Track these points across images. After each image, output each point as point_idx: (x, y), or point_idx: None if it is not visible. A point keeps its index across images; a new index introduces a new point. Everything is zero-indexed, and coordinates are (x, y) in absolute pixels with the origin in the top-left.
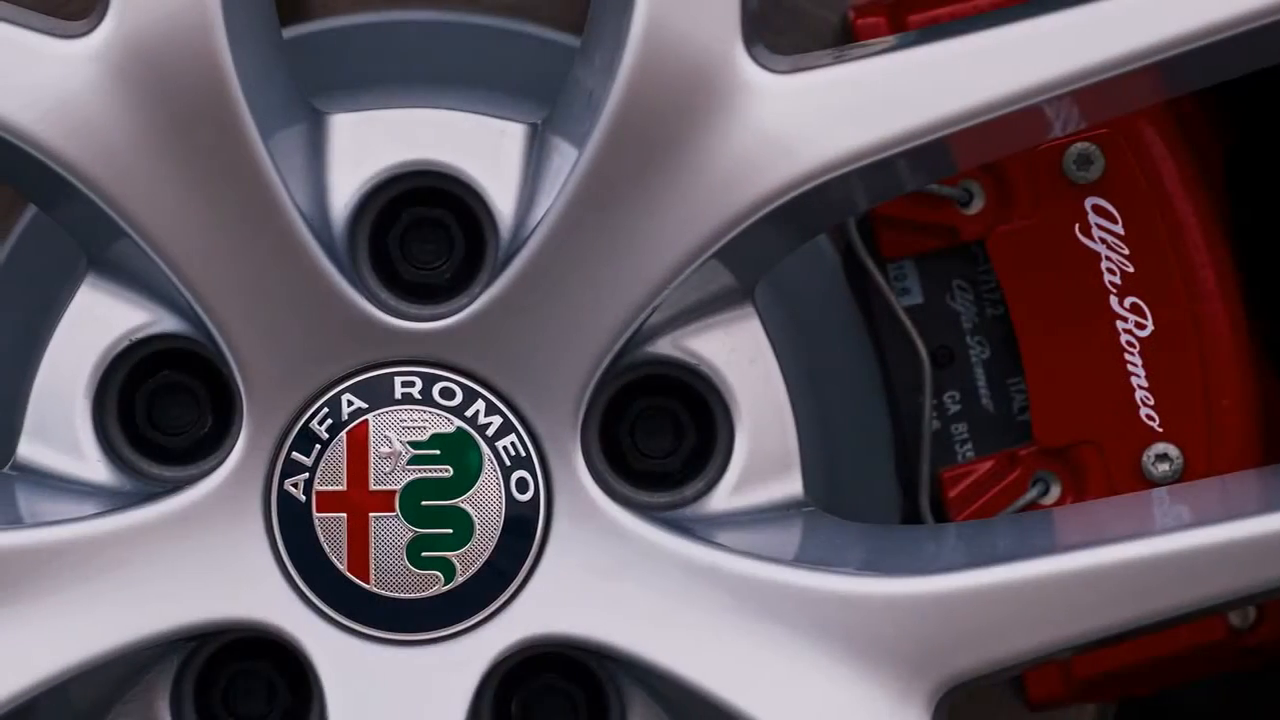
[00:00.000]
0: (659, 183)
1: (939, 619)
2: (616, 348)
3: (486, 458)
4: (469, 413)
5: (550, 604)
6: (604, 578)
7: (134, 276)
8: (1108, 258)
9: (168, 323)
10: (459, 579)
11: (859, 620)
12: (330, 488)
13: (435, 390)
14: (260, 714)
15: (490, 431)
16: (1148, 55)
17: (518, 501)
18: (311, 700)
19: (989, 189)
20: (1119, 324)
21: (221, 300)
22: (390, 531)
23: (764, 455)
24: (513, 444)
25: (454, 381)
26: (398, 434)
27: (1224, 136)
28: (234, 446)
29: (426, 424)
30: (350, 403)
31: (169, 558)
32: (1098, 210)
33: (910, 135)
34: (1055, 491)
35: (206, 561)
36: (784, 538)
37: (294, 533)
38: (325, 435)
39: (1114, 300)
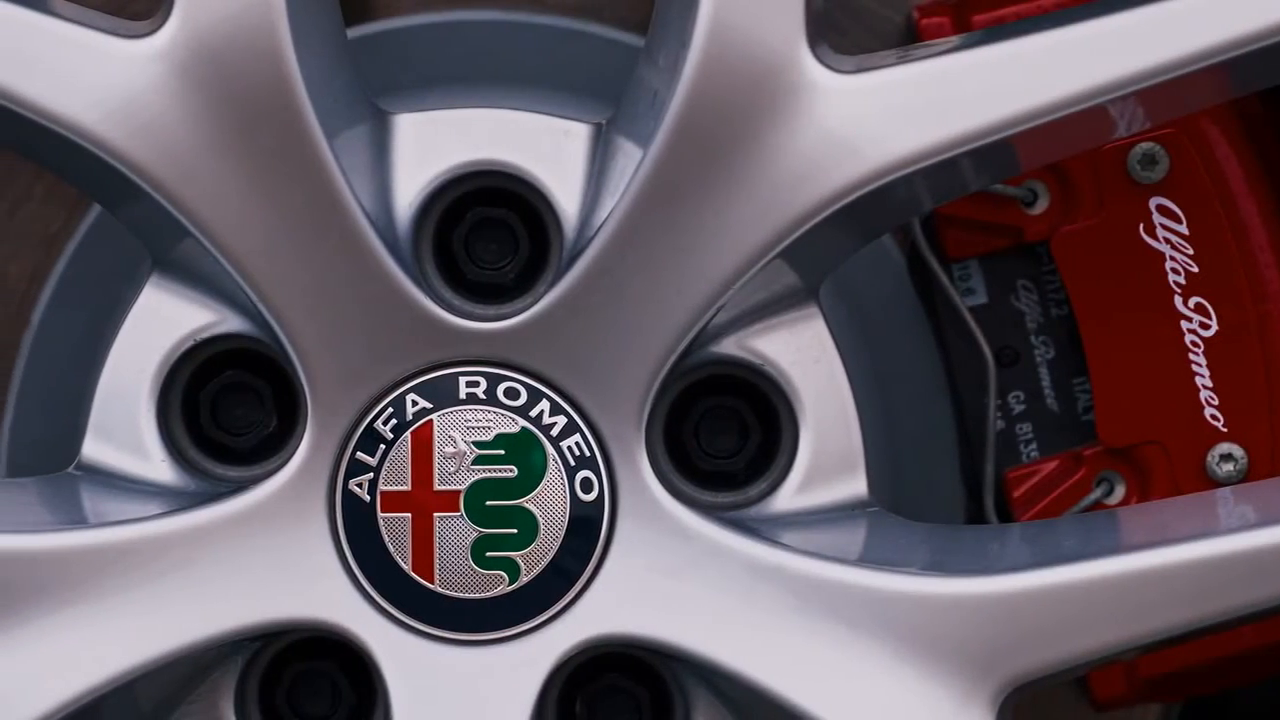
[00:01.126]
0: (723, 183)
1: (1003, 619)
2: (681, 348)
3: (551, 458)
4: (533, 413)
5: (614, 604)
6: (668, 578)
7: (198, 276)
8: (1172, 258)
9: (232, 323)
10: (523, 579)
11: (923, 620)
12: (395, 488)
13: (500, 390)
14: (324, 714)
15: (555, 431)
16: (1213, 55)
17: (582, 501)
18: (375, 700)
19: (1053, 189)
20: (1183, 324)
21: (286, 300)
22: (455, 531)
23: (828, 455)
24: (577, 444)
25: (518, 381)
26: (462, 434)
27: None
28: (298, 446)
29: (491, 424)
30: (415, 403)
31: (233, 558)
32: (1162, 210)
33: (974, 135)
34: (1120, 492)
35: (271, 561)
36: (848, 538)
37: (358, 533)
38: (390, 435)
39: (1178, 300)
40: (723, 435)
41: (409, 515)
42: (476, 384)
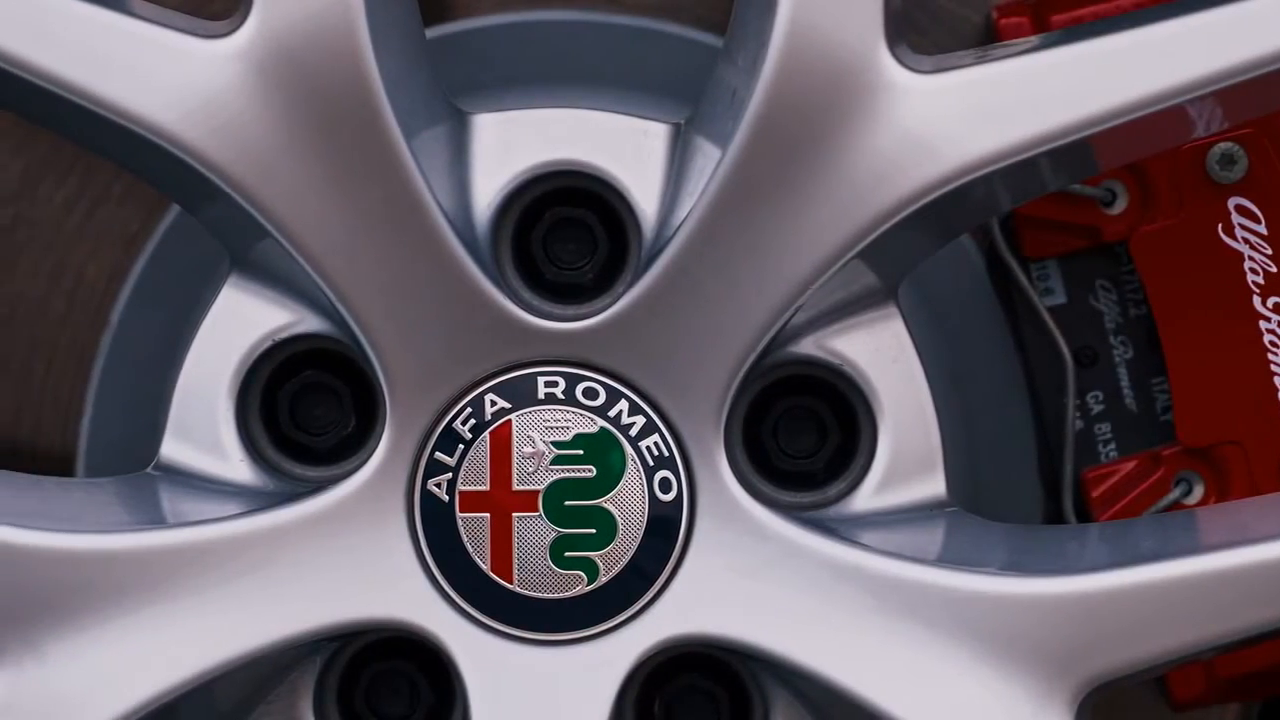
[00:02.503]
0: (802, 183)
1: (1082, 619)
2: (760, 348)
3: (630, 458)
4: (612, 413)
5: (693, 604)
6: (747, 578)
7: (277, 276)
8: (1250, 258)
9: (311, 322)
10: (602, 579)
11: (1002, 620)
12: (473, 488)
13: (578, 390)
14: (403, 714)
15: (633, 431)
16: None
17: (661, 501)
18: (454, 700)
19: (1132, 189)
20: (1262, 324)
21: (365, 300)
22: (533, 531)
23: (907, 455)
24: (656, 444)
25: (597, 381)
26: (541, 434)
27: None
28: (377, 446)
29: (570, 424)
30: (493, 403)
31: (312, 558)
32: (1240, 210)
33: (1053, 135)
34: (1198, 492)
35: (350, 562)
36: (927, 538)
37: (437, 533)
38: (468, 435)
39: (1257, 300)
40: (801, 435)
41: (488, 515)
42: (555, 384)
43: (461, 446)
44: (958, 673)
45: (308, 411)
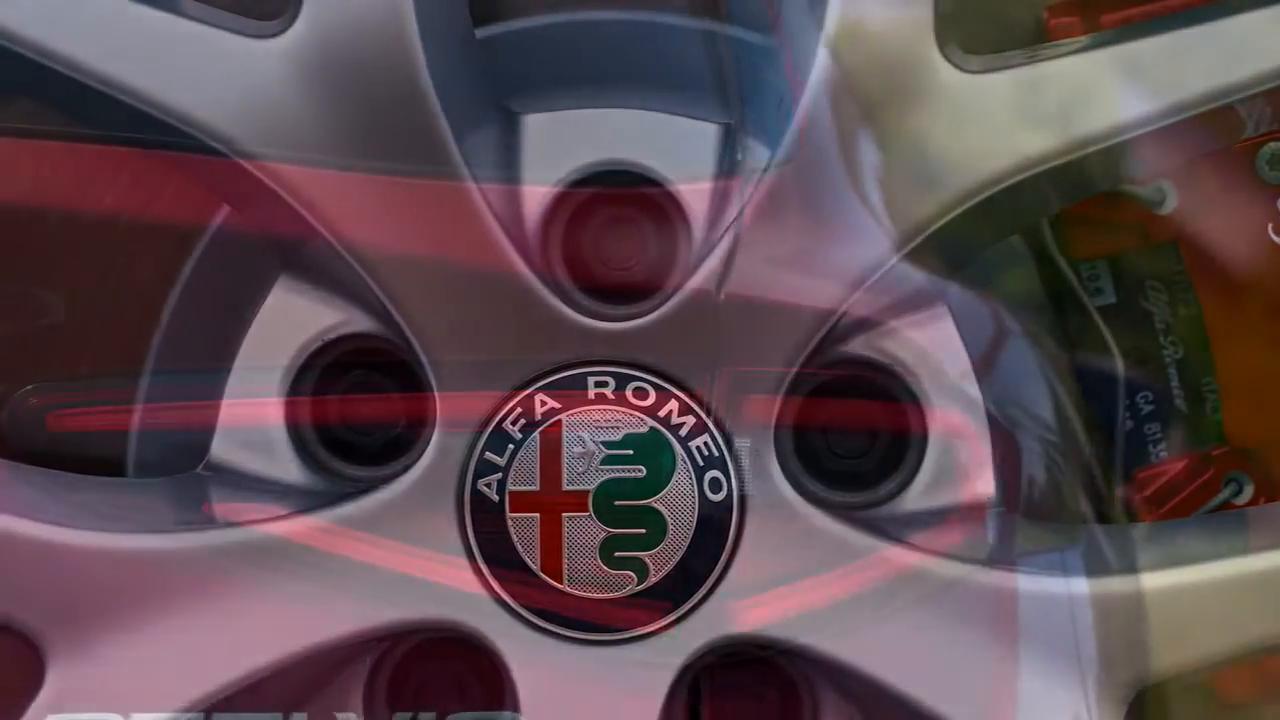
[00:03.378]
0: (851, 183)
1: (1132, 619)
2: (810, 348)
3: (679, 457)
4: (662, 412)
5: (743, 604)
6: (797, 577)
7: (326, 276)
8: None
9: (360, 322)
10: (652, 579)
11: (1052, 620)
12: (523, 487)
13: (628, 390)
14: (452, 714)
15: (683, 431)
16: None
17: (711, 501)
18: (504, 700)
19: (1181, 189)
20: None
21: (414, 300)
22: (583, 531)
23: (956, 455)
24: (706, 444)
25: (647, 381)
26: (591, 434)
27: None
28: (427, 446)
29: (620, 424)
30: (543, 402)
31: (362, 558)
32: None
33: (1103, 135)
34: (1248, 492)
35: (399, 561)
36: (976, 537)
37: (487, 532)
38: (518, 435)
39: None
40: (851, 435)
41: (537, 515)
42: (605, 384)
43: (511, 446)
44: (1007, 672)
45: (357, 411)
